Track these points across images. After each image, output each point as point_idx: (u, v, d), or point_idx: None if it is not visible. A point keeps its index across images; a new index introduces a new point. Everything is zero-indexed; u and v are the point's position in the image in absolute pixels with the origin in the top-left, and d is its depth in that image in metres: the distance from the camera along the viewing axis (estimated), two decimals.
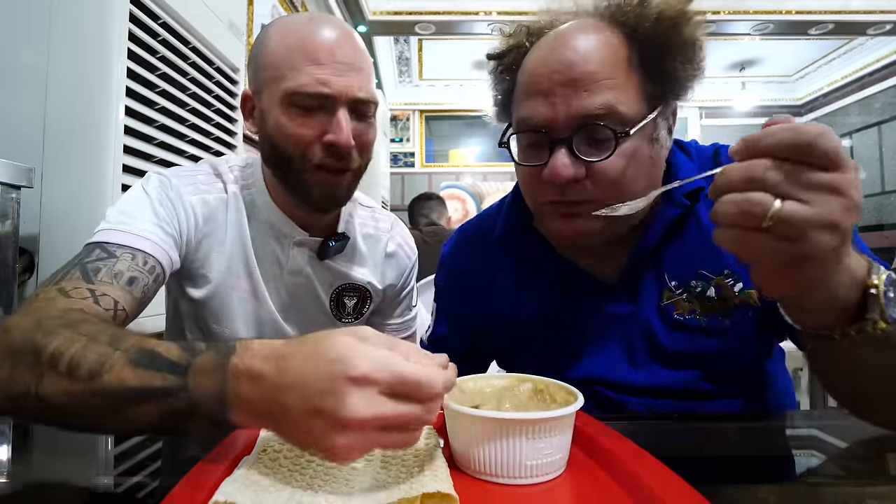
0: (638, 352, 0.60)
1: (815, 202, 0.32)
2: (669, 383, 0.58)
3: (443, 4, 4.80)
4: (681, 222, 0.59)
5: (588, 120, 0.51)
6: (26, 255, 0.94)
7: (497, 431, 0.35)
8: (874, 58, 6.33)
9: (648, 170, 0.55)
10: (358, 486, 0.32)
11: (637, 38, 0.53)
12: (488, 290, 0.68)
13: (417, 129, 7.56)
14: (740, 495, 0.36)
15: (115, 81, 0.99)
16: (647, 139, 0.54)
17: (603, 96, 0.51)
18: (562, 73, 0.51)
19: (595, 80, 0.51)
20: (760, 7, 4.78)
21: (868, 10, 4.82)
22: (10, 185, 0.84)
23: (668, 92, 0.54)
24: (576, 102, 0.51)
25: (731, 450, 0.48)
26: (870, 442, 0.50)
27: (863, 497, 0.37)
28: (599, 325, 0.61)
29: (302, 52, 0.61)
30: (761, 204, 0.32)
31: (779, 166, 0.32)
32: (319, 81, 0.61)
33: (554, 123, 0.52)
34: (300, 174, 0.65)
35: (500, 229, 0.68)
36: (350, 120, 0.63)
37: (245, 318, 0.73)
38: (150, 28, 1.09)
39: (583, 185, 0.53)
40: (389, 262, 0.83)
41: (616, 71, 0.51)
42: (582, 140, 0.52)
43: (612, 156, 0.51)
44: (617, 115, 0.51)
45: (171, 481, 0.31)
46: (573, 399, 0.39)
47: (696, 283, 0.58)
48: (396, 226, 0.86)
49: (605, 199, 0.52)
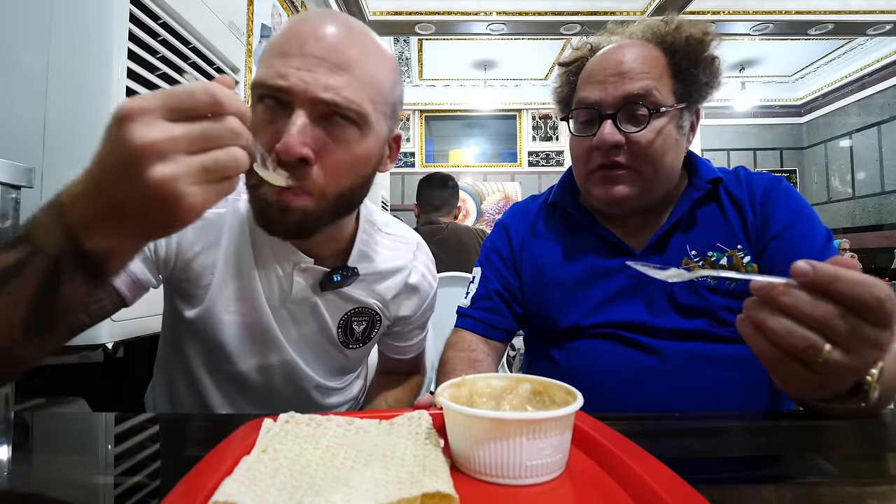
0: (657, 304, 0.71)
1: (859, 353, 0.37)
2: (682, 327, 0.69)
3: (443, 4, 4.79)
4: (702, 203, 0.73)
5: (630, 98, 0.67)
6: None
7: (497, 431, 0.35)
8: (874, 58, 6.33)
9: (673, 150, 0.70)
10: (358, 486, 0.32)
11: (671, 53, 0.70)
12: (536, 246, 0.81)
13: (417, 129, 7.56)
14: (740, 495, 0.36)
15: (115, 81, 0.99)
16: (674, 124, 0.69)
17: (643, 83, 0.67)
18: (613, 68, 0.69)
19: (637, 72, 0.68)
20: (760, 7, 4.78)
21: (868, 10, 4.82)
22: (10, 185, 0.84)
23: (692, 92, 0.70)
24: (621, 87, 0.67)
25: (731, 450, 0.48)
26: (870, 442, 0.50)
27: (863, 497, 0.37)
28: (626, 282, 0.72)
29: (275, 44, 0.54)
30: (817, 347, 0.36)
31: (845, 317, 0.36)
32: (278, 73, 0.52)
33: (604, 102, 0.69)
34: (253, 189, 0.56)
35: (555, 196, 0.82)
36: (314, 128, 0.53)
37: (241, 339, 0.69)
38: (150, 28, 1.09)
39: (622, 151, 0.68)
40: (410, 294, 0.77)
41: (653, 70, 0.68)
42: (624, 115, 0.68)
43: (646, 129, 0.67)
44: (652, 98, 0.67)
45: (171, 481, 0.31)
46: (572, 399, 0.39)
47: (712, 254, 0.71)
48: (420, 253, 0.79)
49: (639, 165, 0.68)
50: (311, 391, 0.77)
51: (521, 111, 7.49)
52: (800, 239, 0.68)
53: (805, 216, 0.70)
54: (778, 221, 0.69)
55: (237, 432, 0.40)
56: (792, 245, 0.67)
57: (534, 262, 0.80)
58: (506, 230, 0.86)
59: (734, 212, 0.72)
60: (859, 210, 6.69)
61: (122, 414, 0.56)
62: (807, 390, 0.41)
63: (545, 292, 0.78)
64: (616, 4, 4.78)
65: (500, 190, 7.48)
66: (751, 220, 0.71)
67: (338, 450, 0.38)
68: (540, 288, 0.79)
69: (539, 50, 6.00)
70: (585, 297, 0.74)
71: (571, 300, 0.75)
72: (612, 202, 0.71)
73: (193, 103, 0.35)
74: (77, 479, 0.40)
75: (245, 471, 0.33)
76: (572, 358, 0.74)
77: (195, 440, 0.49)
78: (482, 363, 0.76)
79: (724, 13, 4.80)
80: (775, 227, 0.69)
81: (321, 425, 0.41)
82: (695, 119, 0.74)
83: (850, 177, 6.86)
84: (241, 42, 1.52)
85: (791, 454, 0.47)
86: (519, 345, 2.04)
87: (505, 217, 0.89)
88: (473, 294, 0.83)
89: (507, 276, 0.82)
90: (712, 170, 0.75)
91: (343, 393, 0.85)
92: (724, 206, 0.73)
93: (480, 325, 0.80)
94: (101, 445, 0.51)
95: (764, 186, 0.72)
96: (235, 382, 0.74)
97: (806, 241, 0.68)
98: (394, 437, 0.40)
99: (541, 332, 0.80)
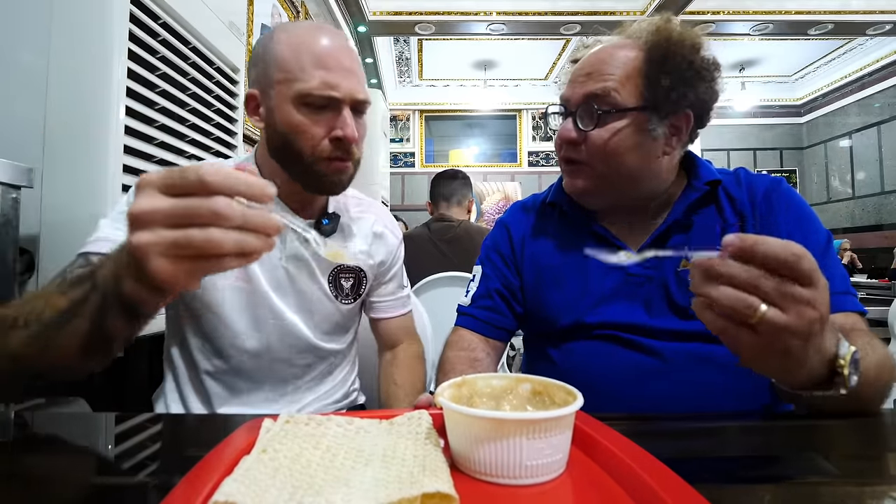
0: (654, 305, 0.71)
1: (793, 312, 0.40)
2: (680, 328, 0.69)
3: (443, 4, 4.80)
4: (700, 205, 0.73)
5: (589, 98, 0.68)
6: (26, 255, 0.94)
7: (497, 432, 0.35)
8: (874, 58, 6.33)
9: (637, 153, 0.69)
10: (358, 486, 0.32)
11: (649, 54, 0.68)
12: (536, 245, 0.82)
13: (417, 129, 7.56)
14: (740, 495, 0.36)
15: (115, 81, 0.99)
16: (636, 128, 0.68)
17: (602, 84, 0.68)
18: (583, 68, 0.71)
19: (602, 73, 0.68)
20: (760, 7, 4.78)
21: (868, 10, 4.82)
22: (10, 185, 0.84)
23: (660, 98, 0.67)
24: (584, 86, 0.69)
25: (731, 450, 0.48)
26: (870, 442, 0.50)
27: (863, 497, 0.37)
28: (624, 282, 0.73)
29: (311, 58, 0.69)
30: (753, 306, 0.40)
31: (770, 277, 0.40)
32: (328, 85, 0.69)
33: (570, 99, 0.71)
34: (311, 166, 0.72)
35: (553, 195, 0.83)
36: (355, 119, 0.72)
37: (237, 304, 0.76)
38: (150, 28, 1.09)
39: (580, 148, 0.70)
40: (378, 242, 0.89)
41: (620, 71, 0.68)
42: (582, 113, 0.69)
43: (601, 128, 0.68)
44: (610, 99, 0.67)
45: (171, 481, 0.31)
46: (572, 399, 0.39)
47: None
48: (381, 209, 0.93)
49: (594, 162, 0.70)
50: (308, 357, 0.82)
51: (521, 111, 7.50)
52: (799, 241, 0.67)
53: (805, 219, 0.70)
54: (778, 224, 0.69)
55: (237, 432, 0.40)
56: None
57: (534, 260, 0.81)
58: (507, 228, 0.86)
59: (733, 214, 0.72)
60: (859, 210, 6.69)
61: (122, 414, 0.56)
62: (765, 363, 0.44)
63: (544, 291, 0.78)
64: (616, 4, 4.78)
65: (500, 190, 7.48)
66: (750, 222, 0.71)
67: (338, 450, 0.38)
68: (539, 286, 0.79)
69: (539, 50, 6.00)
70: (584, 294, 0.74)
71: (570, 297, 0.75)
72: (573, 193, 0.75)
73: (182, 181, 0.38)
74: (77, 479, 0.41)
75: (245, 471, 0.33)
76: (571, 359, 0.74)
77: (195, 440, 0.49)
78: (482, 362, 0.76)
79: (723, 13, 4.80)
80: (775, 230, 0.69)
81: (321, 425, 0.41)
82: (683, 124, 0.70)
83: (849, 177, 6.86)
84: (241, 42, 1.52)
85: (791, 454, 0.47)
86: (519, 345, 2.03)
87: (506, 215, 0.89)
88: (474, 293, 0.83)
89: (508, 275, 0.82)
90: (712, 172, 0.74)
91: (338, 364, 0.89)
92: (723, 208, 0.73)
93: (481, 324, 0.80)
94: (101, 445, 0.51)
95: (764, 189, 0.72)
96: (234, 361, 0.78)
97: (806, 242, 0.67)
98: (394, 437, 0.40)
99: (540, 333, 0.80)
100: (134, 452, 0.48)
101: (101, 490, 0.39)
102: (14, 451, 0.46)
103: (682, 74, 0.67)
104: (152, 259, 0.38)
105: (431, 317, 1.15)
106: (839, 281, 0.64)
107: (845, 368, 0.44)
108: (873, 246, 6.22)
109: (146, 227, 0.38)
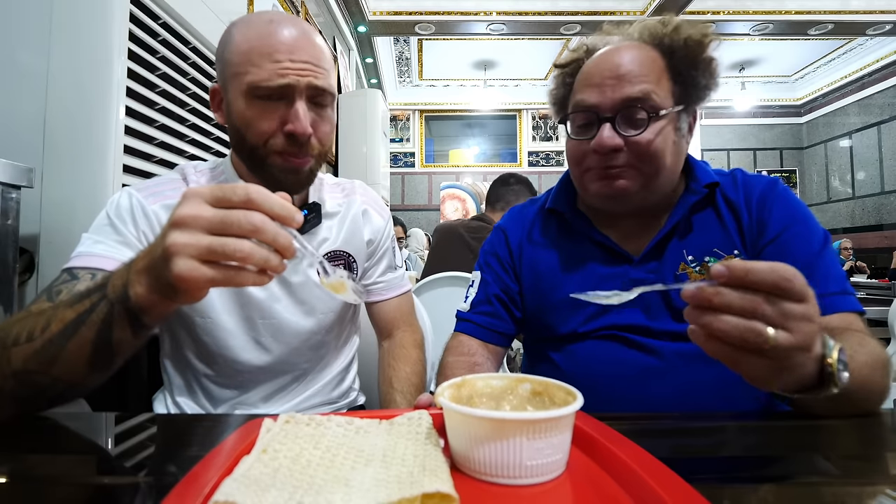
0: (654, 308, 0.71)
1: (797, 330, 0.40)
2: (679, 330, 0.69)
3: (443, 4, 4.80)
4: (699, 208, 0.73)
5: (629, 102, 0.67)
6: (26, 255, 0.94)
7: (497, 432, 0.35)
8: (874, 58, 6.33)
9: (672, 151, 0.69)
10: (358, 486, 0.32)
11: (669, 54, 0.69)
12: (534, 252, 0.81)
13: (417, 129, 7.56)
14: (740, 495, 0.36)
15: (115, 82, 0.99)
16: (673, 126, 0.69)
17: (641, 86, 0.67)
18: (611, 71, 0.68)
19: (635, 76, 0.67)
20: (760, 7, 4.78)
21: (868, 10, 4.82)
22: (10, 185, 0.84)
23: (691, 94, 0.70)
24: (620, 90, 0.67)
25: (731, 450, 0.48)
26: (870, 442, 0.50)
27: (863, 497, 0.37)
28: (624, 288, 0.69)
29: (262, 49, 0.66)
30: (763, 334, 0.39)
31: (770, 301, 0.40)
32: (278, 74, 0.66)
33: (602, 105, 0.68)
34: (264, 160, 0.70)
35: (551, 202, 0.82)
36: (308, 111, 0.69)
37: (226, 306, 0.76)
38: (150, 28, 1.09)
39: (620, 154, 0.68)
40: (364, 221, 0.87)
41: (651, 72, 0.68)
42: (623, 118, 0.67)
43: (646, 131, 0.67)
44: (651, 102, 0.66)
45: (171, 481, 0.31)
46: (572, 399, 0.39)
47: (709, 259, 0.71)
48: (365, 189, 0.91)
49: (639, 165, 0.68)
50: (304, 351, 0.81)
51: (521, 111, 7.50)
52: (795, 242, 0.68)
53: (801, 219, 0.69)
54: (773, 225, 0.69)
55: (237, 432, 0.40)
56: (787, 249, 0.67)
57: (532, 267, 0.80)
58: (504, 233, 0.85)
59: (730, 216, 0.72)
60: (859, 210, 6.69)
61: (122, 414, 0.56)
62: (775, 381, 0.43)
63: (544, 299, 0.78)
64: (616, 4, 4.78)
65: None
66: (746, 223, 0.71)
67: (338, 450, 0.38)
68: (539, 294, 0.79)
69: (539, 50, 6.00)
70: (584, 305, 0.73)
71: (570, 308, 0.75)
72: (612, 196, 0.71)
73: (231, 195, 0.41)
74: (77, 479, 0.41)
75: (245, 470, 0.33)
76: (572, 360, 0.74)
77: (195, 440, 0.49)
78: (482, 367, 0.76)
79: (724, 13, 4.81)
80: (771, 231, 0.69)
81: (321, 425, 0.41)
82: (692, 120, 0.73)
83: (849, 177, 6.86)
84: None
85: (791, 454, 0.47)
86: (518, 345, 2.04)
87: (503, 221, 0.88)
88: (473, 298, 0.83)
89: (507, 280, 0.82)
90: (709, 174, 0.74)
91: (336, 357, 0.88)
92: (721, 210, 0.73)
93: (481, 330, 0.80)
94: (101, 445, 0.51)
95: (760, 190, 0.72)
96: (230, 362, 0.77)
97: (801, 244, 0.67)
98: (394, 437, 0.40)
99: (540, 338, 0.80)
100: (134, 452, 0.48)
101: (101, 490, 0.39)
102: (14, 450, 0.46)
103: (706, 70, 0.69)
104: (181, 259, 0.40)
105: (431, 317, 1.15)
106: (836, 281, 0.64)
107: (834, 366, 0.44)
108: (873, 246, 6.22)
109: (186, 230, 0.41)
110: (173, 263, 0.41)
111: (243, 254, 0.41)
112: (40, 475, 0.40)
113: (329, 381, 0.86)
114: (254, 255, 0.41)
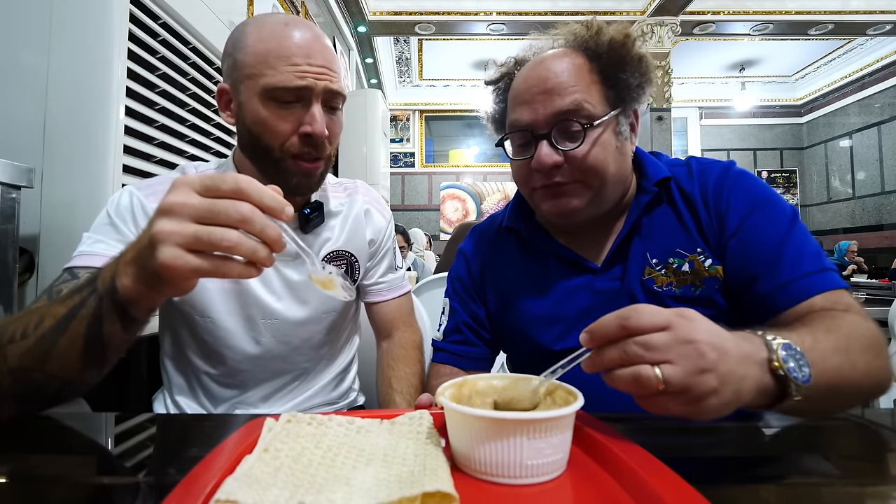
0: None
1: (679, 358, 0.38)
2: None
3: (443, 4, 4.80)
4: (654, 206, 0.71)
5: (562, 116, 0.65)
6: (26, 255, 0.94)
7: (497, 431, 0.35)
8: (874, 58, 6.34)
9: (615, 157, 0.67)
10: (359, 486, 0.33)
11: (596, 58, 0.68)
12: (497, 271, 0.80)
13: (417, 129, 7.56)
14: (740, 495, 0.36)
15: (115, 82, 0.99)
16: (612, 132, 0.67)
17: (572, 97, 0.65)
18: (539, 86, 0.66)
19: (564, 87, 0.65)
20: (760, 7, 4.78)
21: (868, 10, 4.82)
22: (10, 185, 0.84)
23: (624, 96, 0.68)
24: (551, 105, 0.65)
25: (731, 450, 0.48)
26: (870, 442, 0.50)
27: (863, 497, 0.37)
28: (591, 300, 0.71)
29: (279, 51, 0.67)
30: (648, 375, 0.38)
31: (634, 342, 0.39)
32: (297, 76, 0.67)
33: (536, 123, 0.66)
34: (279, 163, 0.70)
35: (507, 220, 0.80)
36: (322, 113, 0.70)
37: (227, 306, 0.76)
38: (150, 28, 1.09)
39: (563, 169, 0.66)
40: (366, 220, 0.87)
41: (580, 81, 0.66)
42: (558, 133, 0.66)
43: (583, 143, 0.65)
44: (584, 112, 0.65)
45: (171, 481, 0.31)
46: (573, 399, 0.39)
47: (673, 260, 0.68)
48: (366, 189, 0.91)
49: (583, 178, 0.66)
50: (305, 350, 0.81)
51: None
52: (758, 230, 0.64)
53: (760, 203, 0.66)
54: (732, 219, 0.66)
55: (239, 431, 0.40)
56: (750, 238, 0.64)
57: (497, 289, 0.79)
58: (465, 258, 0.84)
59: (688, 213, 0.69)
60: (859, 210, 6.69)
61: (122, 414, 0.56)
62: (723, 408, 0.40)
63: (511, 319, 0.76)
64: (616, 4, 4.78)
65: (500, 190, 7.48)
66: (705, 220, 0.67)
67: (339, 449, 0.38)
68: (506, 314, 0.77)
69: None
70: (554, 321, 0.72)
71: (540, 326, 0.73)
72: (562, 215, 0.69)
73: (220, 184, 0.41)
74: (77, 479, 0.41)
75: (247, 469, 0.33)
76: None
77: (195, 440, 0.49)
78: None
79: (724, 13, 4.81)
80: (731, 225, 0.66)
81: (322, 425, 0.41)
82: (634, 120, 0.71)
83: (850, 177, 6.86)
84: None
85: (791, 454, 0.47)
86: None
87: (464, 243, 0.87)
88: (445, 327, 0.82)
89: (473, 306, 0.81)
90: (660, 168, 0.71)
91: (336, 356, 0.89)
92: (679, 206, 0.69)
93: (456, 358, 0.79)
94: (102, 445, 0.51)
95: (714, 180, 0.69)
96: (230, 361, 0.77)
97: (765, 230, 0.64)
98: (395, 437, 0.40)
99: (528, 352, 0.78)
100: (134, 452, 0.48)
101: (101, 490, 0.39)
102: (14, 450, 0.46)
103: (636, 69, 0.67)
104: (167, 247, 0.40)
105: (432, 317, 1.15)
106: (811, 259, 0.61)
107: (782, 367, 0.41)
108: (873, 246, 6.22)
109: (173, 217, 0.40)
110: (159, 251, 0.40)
111: (230, 243, 0.40)
112: (40, 475, 0.40)
113: (329, 382, 0.87)
114: (241, 246, 0.40)
